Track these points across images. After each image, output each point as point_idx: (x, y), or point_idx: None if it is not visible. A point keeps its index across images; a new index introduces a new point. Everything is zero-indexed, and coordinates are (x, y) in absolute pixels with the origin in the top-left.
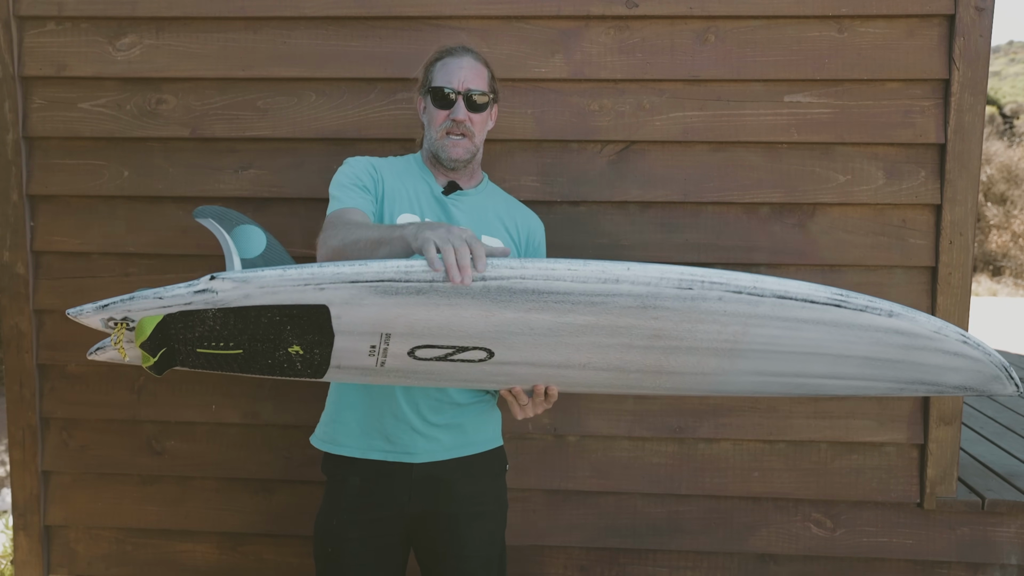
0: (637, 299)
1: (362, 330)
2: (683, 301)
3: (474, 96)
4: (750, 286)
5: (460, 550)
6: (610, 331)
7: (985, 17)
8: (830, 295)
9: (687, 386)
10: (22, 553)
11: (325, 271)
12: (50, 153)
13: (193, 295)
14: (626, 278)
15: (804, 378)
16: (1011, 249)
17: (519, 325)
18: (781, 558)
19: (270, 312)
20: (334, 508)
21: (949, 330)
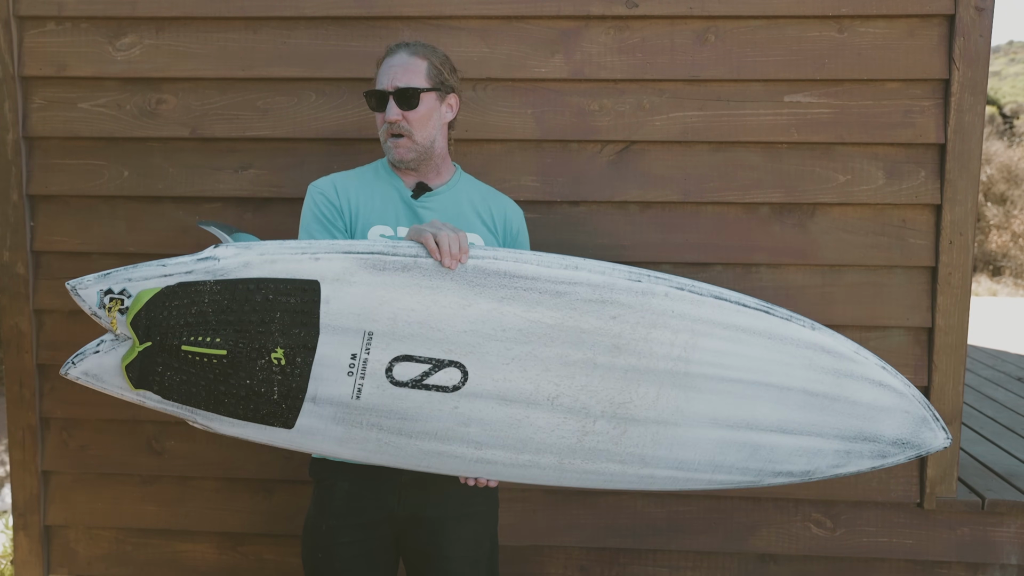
0: (595, 290)
1: (347, 325)
2: (635, 296)
3: (403, 92)
4: (690, 284)
5: (447, 551)
6: (575, 338)
7: (985, 17)
8: (758, 303)
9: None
10: (22, 553)
11: (320, 243)
12: (50, 153)
13: (196, 262)
14: (584, 266)
15: (757, 432)
16: (1011, 249)
17: (492, 323)
18: (781, 558)
19: (264, 289)
20: (323, 513)
21: (866, 353)
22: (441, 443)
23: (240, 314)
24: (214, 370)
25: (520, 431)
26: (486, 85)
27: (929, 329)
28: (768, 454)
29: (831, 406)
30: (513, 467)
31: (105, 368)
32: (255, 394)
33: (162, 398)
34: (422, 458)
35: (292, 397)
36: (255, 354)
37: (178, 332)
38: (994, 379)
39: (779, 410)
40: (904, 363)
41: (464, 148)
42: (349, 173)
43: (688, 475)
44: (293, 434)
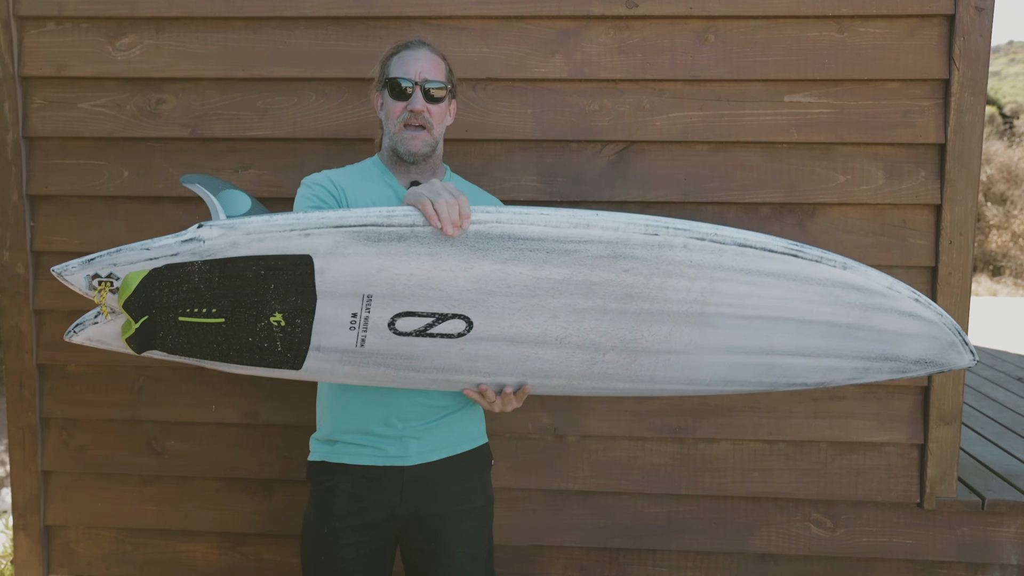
0: (607, 247)
1: (344, 291)
2: (650, 249)
3: (431, 87)
4: (712, 233)
5: (449, 547)
6: (585, 289)
7: (985, 17)
8: (786, 245)
9: (661, 374)
10: (22, 553)
11: (310, 217)
12: (50, 153)
13: (180, 244)
14: (596, 223)
15: (773, 356)
16: (1011, 249)
17: (497, 281)
18: (781, 558)
19: (255, 265)
20: (325, 515)
21: (900, 287)
22: (450, 374)
23: (233, 288)
24: (215, 332)
25: (529, 364)
26: (486, 85)
27: None
28: (783, 372)
29: (854, 335)
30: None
31: (107, 334)
32: (259, 348)
33: (167, 353)
34: (432, 384)
35: (296, 349)
36: (253, 319)
37: (172, 308)
38: (994, 379)
39: (798, 340)
40: None
41: (464, 148)
42: (342, 170)
43: (699, 388)
44: (302, 372)
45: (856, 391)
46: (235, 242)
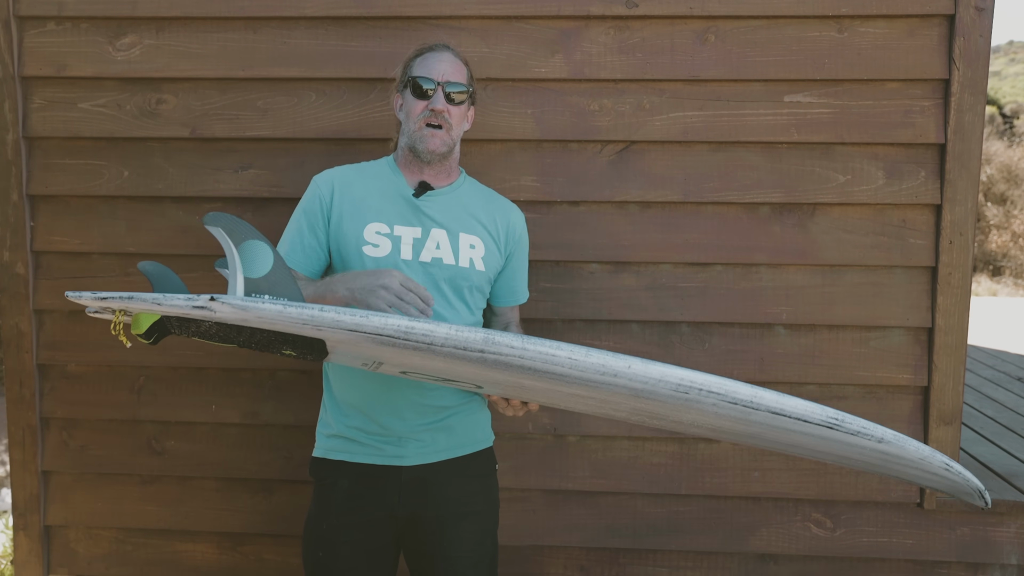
0: (632, 391)
1: (363, 354)
2: (678, 400)
3: (452, 90)
4: (747, 399)
5: (449, 551)
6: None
7: (985, 17)
8: (826, 417)
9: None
10: (22, 553)
11: (325, 316)
12: (50, 153)
13: (191, 308)
14: (625, 374)
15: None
16: (1011, 249)
17: (511, 384)
18: (781, 558)
19: (267, 332)
20: (324, 512)
21: (936, 459)
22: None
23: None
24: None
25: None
26: (486, 85)
27: (929, 329)
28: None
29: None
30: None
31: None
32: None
33: None
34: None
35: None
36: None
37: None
38: (994, 379)
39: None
40: (904, 363)
41: (464, 148)
42: (354, 167)
43: None
44: None
45: (856, 391)
46: (246, 319)
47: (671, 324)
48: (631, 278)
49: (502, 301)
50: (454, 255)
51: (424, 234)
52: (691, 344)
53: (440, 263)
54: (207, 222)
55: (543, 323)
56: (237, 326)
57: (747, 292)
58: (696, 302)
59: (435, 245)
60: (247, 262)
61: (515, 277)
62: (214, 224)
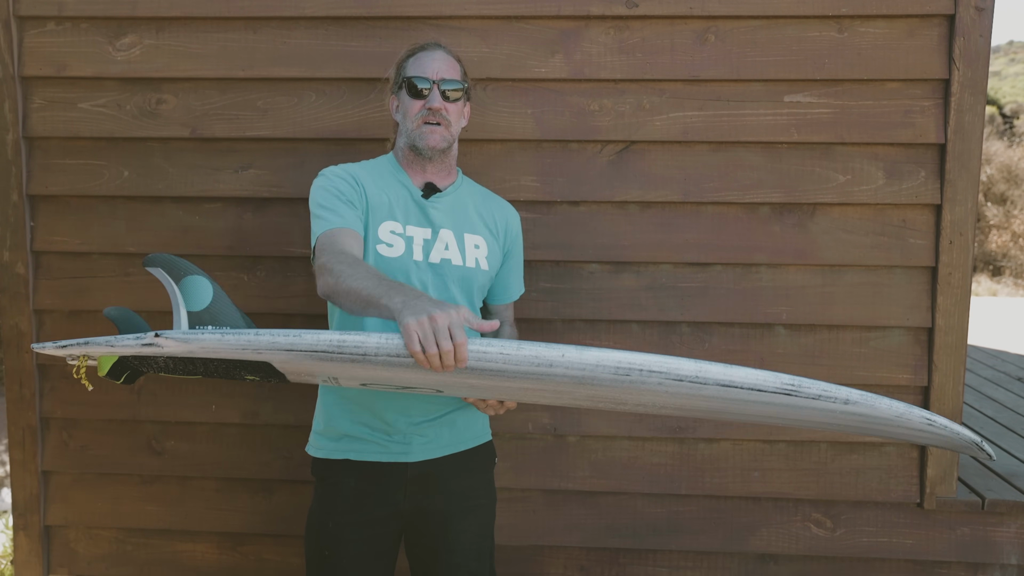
0: (573, 379)
1: (311, 371)
2: (622, 384)
3: (448, 88)
4: (692, 375)
5: (453, 544)
6: (553, 391)
7: (985, 17)
8: (781, 384)
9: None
10: (22, 553)
11: (261, 339)
12: (50, 153)
13: (140, 347)
14: (560, 363)
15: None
16: (1011, 249)
17: (460, 384)
18: (781, 558)
19: (218, 362)
20: (329, 510)
21: (914, 414)
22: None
23: (200, 367)
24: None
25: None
26: (486, 85)
27: (929, 329)
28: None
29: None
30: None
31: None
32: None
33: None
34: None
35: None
36: (228, 375)
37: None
38: (994, 379)
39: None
40: (904, 363)
41: (464, 148)
42: (357, 165)
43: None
44: None
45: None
46: (191, 351)
47: (671, 324)
48: (631, 278)
49: (497, 299)
50: (461, 256)
51: (433, 235)
52: (691, 344)
53: (449, 264)
54: (146, 264)
55: (543, 323)
56: (189, 358)
57: (747, 292)
58: (696, 302)
59: (444, 246)
60: (188, 297)
61: (510, 275)
62: (153, 265)
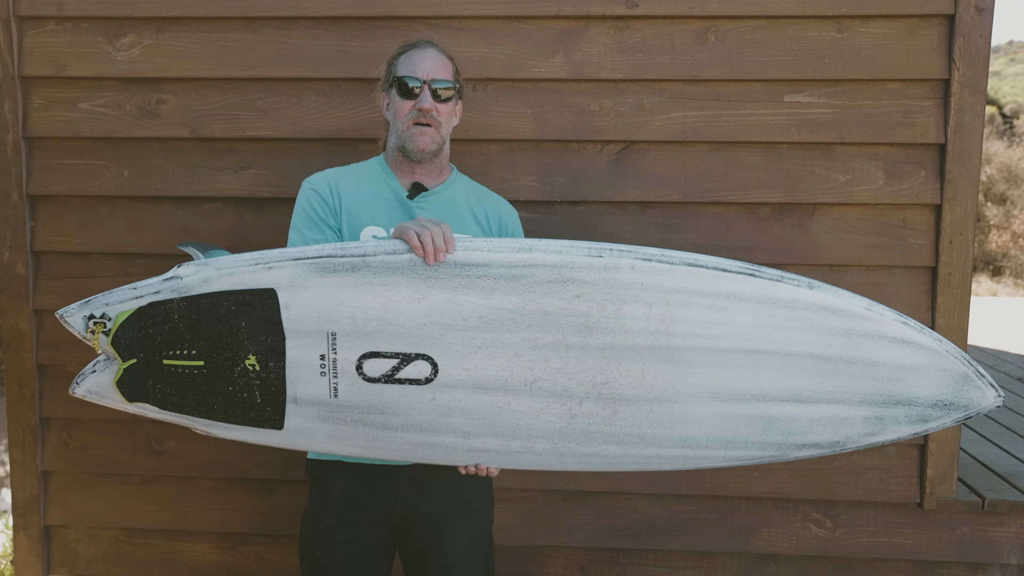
0: (553, 270)
1: (309, 328)
2: (597, 272)
3: (439, 87)
4: (659, 254)
5: (445, 548)
6: (540, 320)
7: (985, 17)
8: (741, 265)
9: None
10: (22, 553)
11: (272, 252)
12: (50, 153)
13: (162, 283)
14: (538, 247)
15: (765, 403)
16: (1011, 249)
17: (451, 313)
18: (781, 558)
19: (226, 301)
20: (321, 511)
21: (881, 308)
22: (428, 435)
23: (208, 326)
24: (198, 380)
25: (505, 418)
26: (486, 85)
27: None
28: (785, 426)
29: (847, 370)
30: (508, 454)
31: (104, 385)
32: (240, 400)
33: (159, 408)
34: (414, 450)
35: (274, 400)
36: (230, 362)
37: (157, 348)
38: (994, 379)
39: (786, 379)
40: None
41: (464, 148)
42: (343, 169)
43: (698, 453)
44: (286, 434)
45: None
46: (208, 278)
47: None
48: None
49: None
50: None
51: None
52: None
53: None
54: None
55: None
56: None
57: None
58: None
59: None
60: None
61: None
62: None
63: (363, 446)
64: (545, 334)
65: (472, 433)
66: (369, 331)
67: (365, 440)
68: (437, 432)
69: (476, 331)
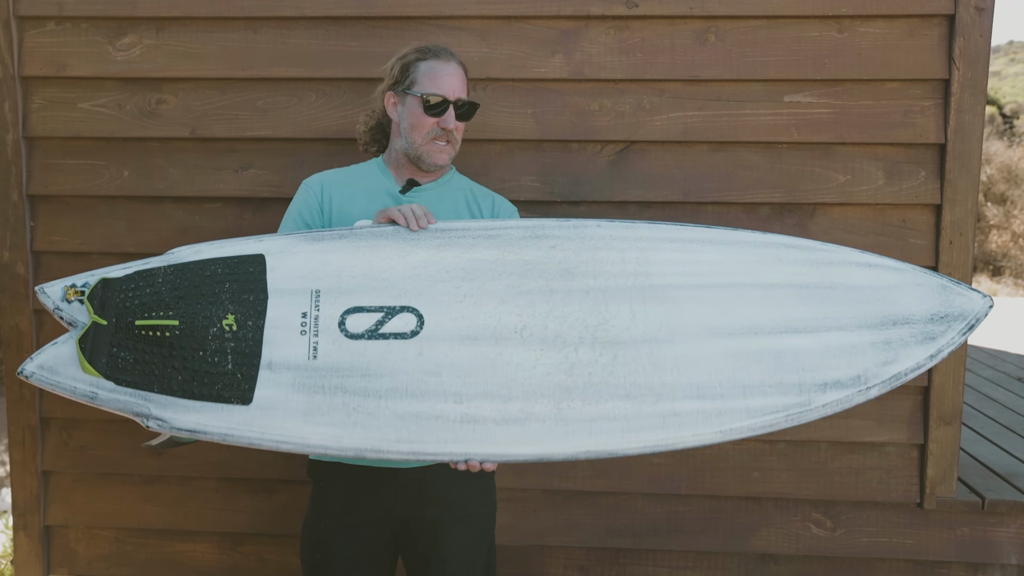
0: (526, 230)
1: (294, 287)
2: (567, 229)
3: (464, 107)
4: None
5: (444, 553)
6: (520, 268)
7: (985, 17)
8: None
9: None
10: (22, 553)
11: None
12: (50, 153)
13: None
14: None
15: (767, 336)
16: (1011, 249)
17: (434, 266)
18: (781, 558)
19: (215, 264)
20: (321, 513)
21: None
22: (415, 400)
23: (191, 288)
24: (165, 344)
25: (498, 373)
26: (486, 85)
27: None
28: (795, 362)
29: (829, 295)
30: (506, 424)
31: (59, 359)
32: (207, 368)
33: (115, 384)
34: (400, 426)
35: (246, 364)
36: (207, 322)
37: (132, 312)
38: (994, 379)
39: (775, 309)
40: None
41: (464, 148)
42: (342, 170)
43: (717, 406)
44: (253, 412)
45: None
46: (200, 250)
47: None
48: None
49: None
50: None
51: None
52: None
53: None
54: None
55: None
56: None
57: None
58: None
59: None
60: None
61: None
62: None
63: (341, 423)
64: (528, 281)
65: (464, 395)
66: (354, 286)
67: (344, 414)
68: (425, 397)
69: (460, 281)
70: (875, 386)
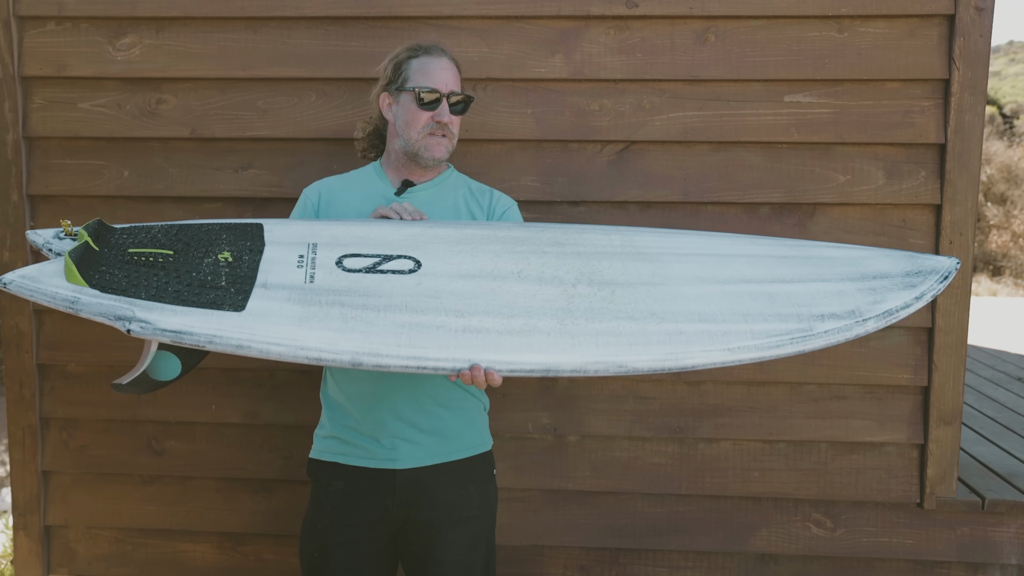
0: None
1: (291, 240)
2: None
3: (457, 99)
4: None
5: (441, 555)
6: (512, 241)
7: (985, 17)
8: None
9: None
10: (22, 553)
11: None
12: (50, 153)
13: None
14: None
15: (756, 284)
16: (1011, 249)
17: (429, 236)
18: (781, 558)
19: (212, 225)
20: (319, 512)
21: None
22: (415, 314)
23: (189, 239)
24: (159, 266)
25: (499, 298)
26: (486, 85)
27: (929, 329)
28: (789, 299)
29: (809, 263)
30: (511, 335)
31: (44, 271)
32: (202, 283)
33: (99, 292)
34: (400, 333)
35: (241, 283)
36: (201, 255)
37: (126, 247)
38: (994, 379)
39: (761, 270)
40: (904, 363)
41: (464, 148)
42: (340, 177)
43: (721, 328)
44: (245, 318)
45: (856, 391)
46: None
47: None
48: None
49: None
50: None
51: None
52: None
53: None
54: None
55: None
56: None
57: None
58: None
59: None
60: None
61: None
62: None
63: (338, 329)
64: (520, 246)
65: (465, 312)
66: (351, 243)
67: (340, 321)
68: (426, 312)
69: (455, 243)
70: (870, 319)
